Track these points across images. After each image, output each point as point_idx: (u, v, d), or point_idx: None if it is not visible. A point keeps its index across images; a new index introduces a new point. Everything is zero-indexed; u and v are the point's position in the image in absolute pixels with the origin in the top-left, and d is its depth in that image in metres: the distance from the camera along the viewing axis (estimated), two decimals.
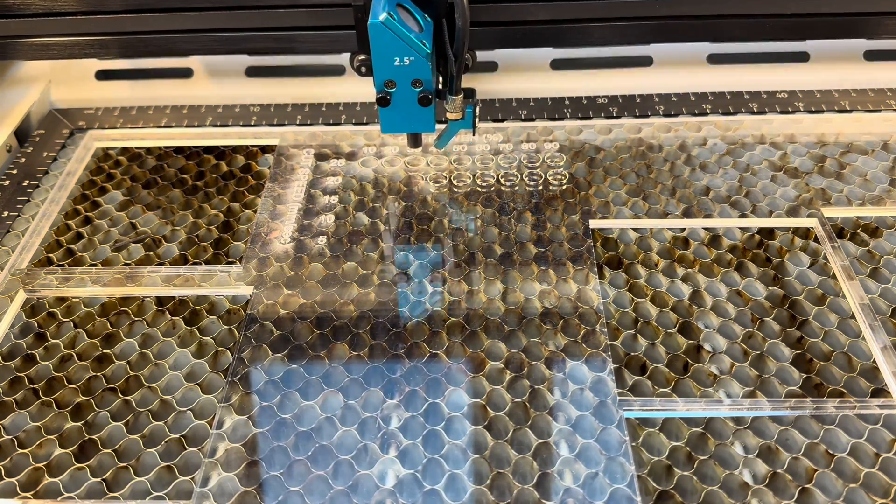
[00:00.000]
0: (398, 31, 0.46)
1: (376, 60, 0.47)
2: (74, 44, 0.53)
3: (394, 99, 0.50)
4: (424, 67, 0.48)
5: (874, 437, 0.45)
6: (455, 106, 0.51)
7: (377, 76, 0.48)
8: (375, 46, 0.47)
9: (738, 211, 0.58)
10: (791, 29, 0.52)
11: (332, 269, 0.55)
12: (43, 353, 0.51)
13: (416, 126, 0.52)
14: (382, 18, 0.46)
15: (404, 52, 0.47)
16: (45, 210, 0.61)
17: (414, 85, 0.49)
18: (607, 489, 0.42)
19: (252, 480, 0.43)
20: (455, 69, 0.49)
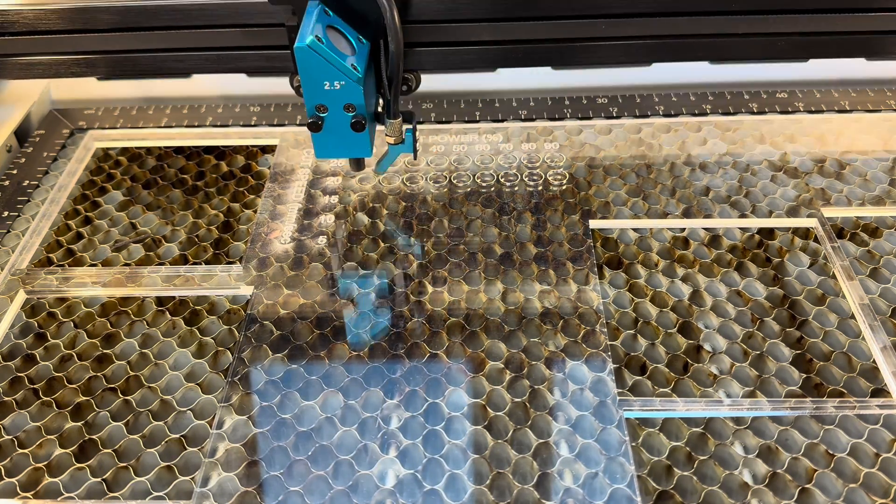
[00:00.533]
0: (326, 55, 0.44)
1: (305, 85, 0.46)
2: (60, 63, 0.52)
3: (326, 123, 0.48)
4: (356, 92, 0.46)
5: (874, 438, 0.45)
6: (393, 130, 0.50)
7: (307, 100, 0.47)
8: (303, 70, 0.45)
9: (738, 211, 0.58)
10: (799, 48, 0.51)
11: (332, 269, 0.55)
12: (43, 353, 0.51)
13: (352, 151, 0.50)
14: (308, 42, 0.44)
15: (334, 77, 0.45)
16: (45, 210, 0.61)
17: (346, 109, 0.47)
18: (607, 489, 0.42)
19: (252, 480, 0.43)
20: (391, 93, 0.48)
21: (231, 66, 0.52)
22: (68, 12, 0.49)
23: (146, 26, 0.50)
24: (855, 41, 0.51)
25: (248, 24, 0.50)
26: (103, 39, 0.51)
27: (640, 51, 0.51)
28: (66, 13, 0.49)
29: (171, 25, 0.50)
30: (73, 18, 0.50)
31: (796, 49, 0.51)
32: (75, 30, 0.51)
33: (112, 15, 0.49)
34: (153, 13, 0.49)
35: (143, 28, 0.50)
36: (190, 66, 0.52)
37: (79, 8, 0.49)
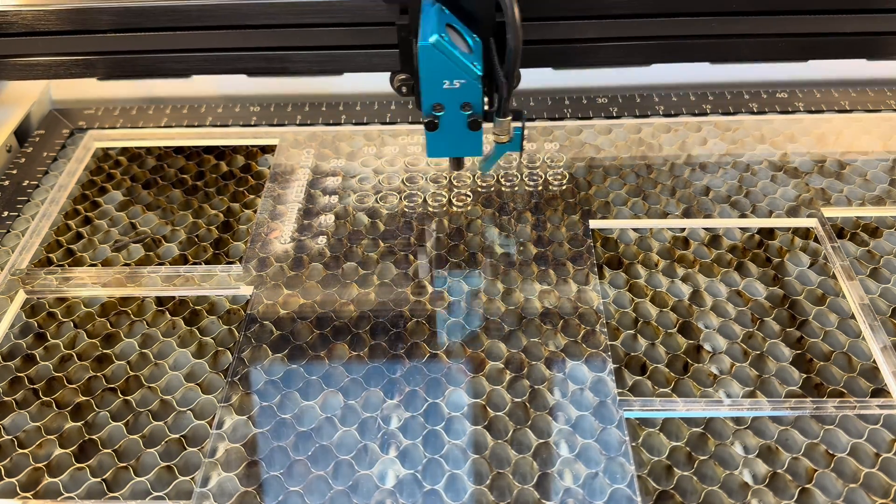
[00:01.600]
0: (449, 54, 0.44)
1: (425, 83, 0.45)
2: (59, 63, 0.52)
3: (441, 122, 0.47)
4: (475, 90, 0.46)
5: (874, 438, 0.45)
6: (503, 129, 0.49)
7: (425, 99, 0.47)
8: (425, 69, 0.45)
9: (738, 211, 0.58)
10: (799, 49, 0.51)
11: (332, 269, 0.55)
12: (43, 353, 0.51)
13: (464, 150, 0.50)
14: (433, 40, 0.44)
15: (455, 75, 0.45)
16: (45, 210, 0.61)
17: (463, 108, 0.47)
18: (607, 489, 0.42)
19: (252, 480, 0.43)
20: (507, 91, 0.47)
21: (230, 66, 0.52)
22: (67, 13, 0.49)
23: (145, 27, 0.50)
24: (856, 42, 0.51)
25: (247, 25, 0.49)
26: (102, 40, 0.51)
27: (640, 52, 0.51)
28: (65, 14, 0.49)
29: (171, 26, 0.50)
30: (72, 19, 0.50)
31: (797, 50, 0.51)
32: (74, 31, 0.50)
33: (111, 16, 0.49)
34: (152, 14, 0.49)
35: (143, 29, 0.50)
36: (189, 66, 0.52)
37: (78, 9, 0.49)
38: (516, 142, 0.50)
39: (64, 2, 0.49)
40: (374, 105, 0.70)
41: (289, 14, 0.49)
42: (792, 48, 0.51)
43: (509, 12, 0.43)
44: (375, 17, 0.51)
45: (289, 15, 0.49)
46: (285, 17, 0.49)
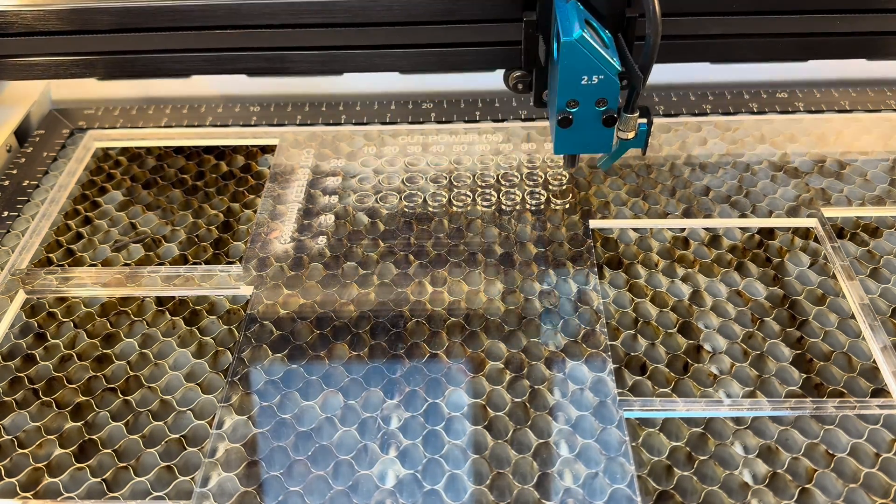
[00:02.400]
0: (591, 50, 0.43)
1: (563, 80, 0.44)
2: (59, 63, 0.52)
3: (576, 119, 0.46)
4: (613, 86, 0.45)
5: (874, 438, 0.45)
6: (630, 125, 0.48)
7: (561, 96, 0.45)
8: (565, 65, 0.44)
9: (738, 211, 0.58)
10: (799, 48, 0.51)
11: (332, 269, 0.55)
12: (43, 353, 0.51)
13: (594, 147, 0.48)
14: (577, 36, 0.43)
15: (594, 71, 0.44)
16: (45, 210, 0.61)
17: (598, 104, 0.46)
18: (607, 489, 0.42)
19: (252, 480, 0.43)
20: (643, 87, 0.46)
21: (230, 67, 0.52)
22: (67, 13, 0.49)
23: (145, 27, 0.50)
24: (856, 42, 0.51)
25: (248, 24, 0.49)
26: (102, 40, 0.51)
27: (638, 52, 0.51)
28: (65, 14, 0.49)
29: (171, 26, 0.50)
30: (71, 19, 0.49)
31: (797, 50, 0.51)
32: (74, 31, 0.50)
33: (111, 16, 0.49)
34: (152, 14, 0.49)
35: (142, 29, 0.50)
36: (189, 66, 0.52)
37: (77, 9, 0.49)
38: (641, 138, 0.49)
39: (64, 2, 0.49)
40: (374, 105, 0.70)
41: (288, 14, 0.49)
42: (792, 48, 0.51)
43: (651, 5, 0.42)
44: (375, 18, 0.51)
45: (288, 15, 0.49)
46: (285, 17, 0.49)
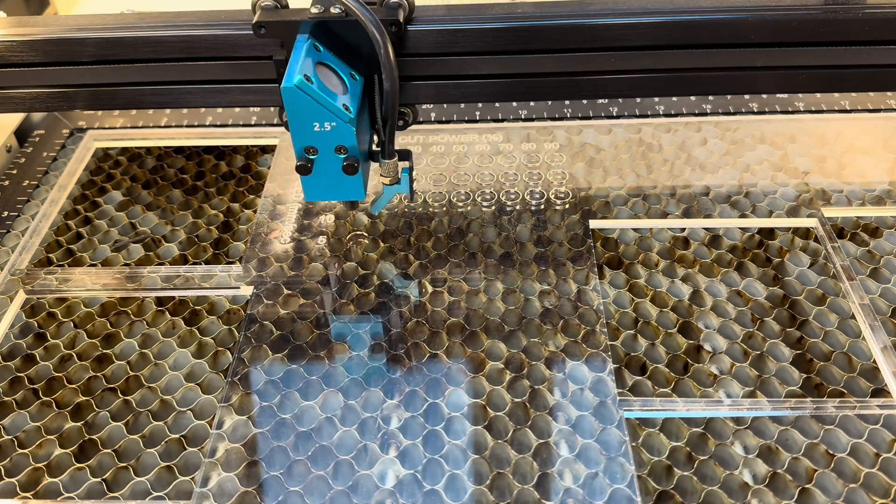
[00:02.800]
0: (315, 95, 0.41)
1: (293, 126, 0.43)
2: (35, 97, 0.50)
3: (316, 166, 0.45)
4: (348, 133, 0.43)
5: (874, 438, 0.45)
6: (389, 170, 0.47)
7: (295, 142, 0.44)
8: (291, 111, 0.42)
9: (738, 211, 0.58)
10: (820, 81, 0.50)
11: (332, 269, 0.55)
12: (43, 353, 0.51)
13: (344, 194, 0.47)
14: (296, 81, 0.41)
15: (324, 118, 0.42)
16: (45, 210, 0.61)
17: (338, 151, 0.44)
18: (607, 489, 0.42)
19: (252, 480, 0.43)
20: (386, 133, 0.45)
21: (215, 100, 0.50)
22: (42, 44, 0.48)
23: (126, 59, 0.48)
24: (879, 74, 0.49)
25: (233, 56, 0.48)
26: (82, 72, 0.49)
27: (654, 84, 0.49)
28: (41, 45, 0.48)
29: (153, 58, 0.48)
30: (48, 51, 0.47)
31: (818, 82, 0.49)
32: (51, 62, 0.48)
33: (90, 47, 0.47)
34: (133, 45, 0.47)
35: (123, 60, 0.48)
36: (172, 99, 0.50)
37: (55, 40, 0.47)
38: (404, 183, 0.48)
39: (41, 33, 0.47)
40: None
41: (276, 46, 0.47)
42: (813, 80, 0.49)
43: (382, 51, 0.41)
44: None
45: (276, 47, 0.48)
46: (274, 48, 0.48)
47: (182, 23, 0.47)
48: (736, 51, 0.48)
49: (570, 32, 0.47)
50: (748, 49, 0.48)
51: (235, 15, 0.48)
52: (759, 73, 0.49)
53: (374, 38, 0.41)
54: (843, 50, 0.48)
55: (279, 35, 0.45)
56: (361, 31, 0.43)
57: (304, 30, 0.44)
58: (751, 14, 0.46)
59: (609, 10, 0.47)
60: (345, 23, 0.44)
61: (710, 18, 0.46)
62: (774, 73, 0.49)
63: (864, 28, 0.46)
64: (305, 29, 0.44)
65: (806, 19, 0.46)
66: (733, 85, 0.50)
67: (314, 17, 0.44)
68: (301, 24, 0.44)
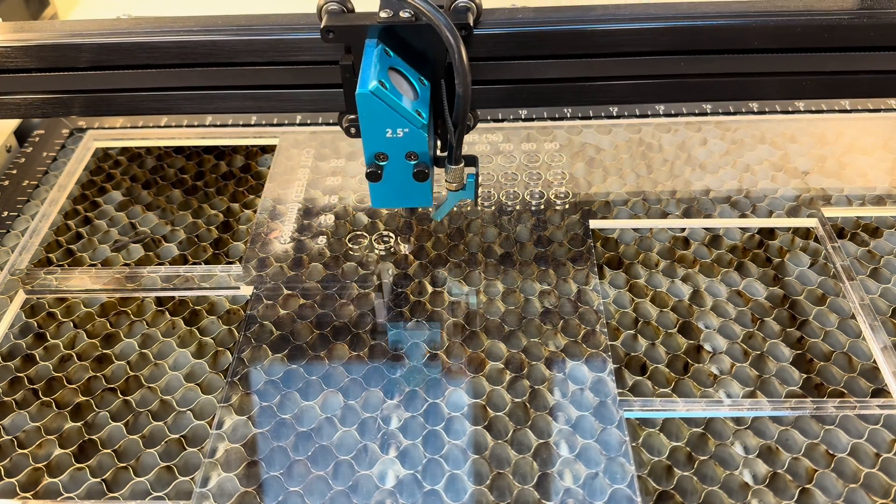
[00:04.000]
0: (390, 101, 0.41)
1: (366, 132, 0.43)
2: (30, 102, 0.50)
3: (386, 172, 0.44)
4: (420, 139, 0.43)
5: (874, 438, 0.45)
6: (455, 176, 0.46)
7: (367, 149, 0.44)
8: (364, 117, 0.42)
9: (738, 211, 0.58)
10: (825, 87, 0.49)
11: (332, 269, 0.55)
12: (43, 353, 0.51)
13: (412, 200, 0.46)
14: (372, 87, 0.41)
15: (397, 124, 0.42)
16: (45, 210, 0.61)
17: (408, 158, 0.44)
18: (607, 489, 0.42)
19: (252, 481, 0.43)
20: (456, 139, 0.44)
21: (212, 106, 0.49)
22: (39, 50, 0.47)
23: (123, 65, 0.48)
24: (884, 80, 0.49)
25: (230, 62, 0.47)
26: (78, 78, 0.49)
27: (657, 91, 0.49)
28: (37, 51, 0.47)
29: (149, 64, 0.48)
30: (44, 57, 0.47)
31: (823, 88, 0.49)
32: (48, 68, 0.48)
33: (87, 53, 0.47)
34: (130, 51, 0.47)
35: (120, 66, 0.48)
36: (169, 105, 0.49)
37: (50, 46, 0.47)
38: (469, 189, 0.47)
39: (37, 38, 0.47)
40: None
41: (274, 52, 0.47)
42: (817, 87, 0.49)
43: (457, 56, 0.40)
44: None
45: (274, 53, 0.48)
46: (272, 54, 0.47)
47: (179, 28, 0.47)
48: (739, 57, 0.47)
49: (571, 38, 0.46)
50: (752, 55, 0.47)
51: (232, 21, 0.48)
52: (763, 79, 0.49)
53: (448, 41, 0.40)
54: (848, 56, 0.47)
55: (346, 40, 0.44)
56: (429, 36, 0.43)
57: (371, 34, 0.44)
58: (754, 20, 0.46)
59: (611, 15, 0.46)
60: (412, 27, 0.44)
61: (714, 24, 0.46)
62: (778, 78, 0.49)
63: (868, 34, 0.46)
64: (373, 34, 0.44)
65: (810, 25, 0.46)
66: (737, 91, 0.49)
67: (383, 22, 0.43)
68: (369, 29, 0.44)
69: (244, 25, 0.47)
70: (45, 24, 0.50)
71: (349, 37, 0.44)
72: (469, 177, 0.47)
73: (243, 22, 0.47)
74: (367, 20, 0.44)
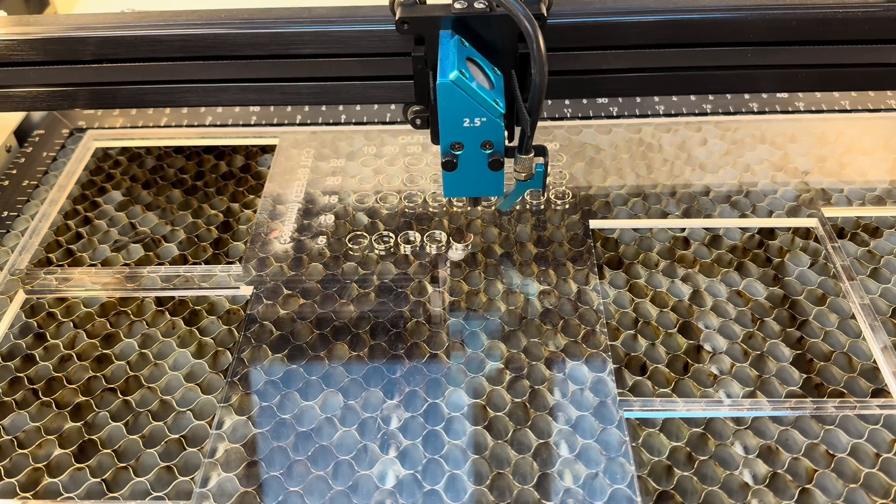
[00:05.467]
0: (471, 91, 0.41)
1: (444, 122, 0.43)
2: (34, 95, 0.50)
3: (460, 161, 0.45)
4: (497, 129, 0.43)
5: (874, 438, 0.45)
6: (524, 166, 0.46)
7: (443, 138, 0.44)
8: (444, 107, 0.42)
9: (738, 211, 0.58)
10: (820, 80, 0.49)
11: (332, 269, 0.55)
12: (42, 353, 0.51)
13: (484, 189, 0.47)
14: (453, 77, 0.41)
15: (476, 113, 0.42)
16: (45, 210, 0.61)
17: (484, 147, 0.44)
18: (607, 489, 0.42)
19: (252, 481, 0.43)
20: (530, 129, 0.44)
21: (215, 98, 0.49)
22: (43, 43, 0.48)
23: (127, 58, 0.48)
24: (879, 73, 0.49)
25: (232, 55, 0.48)
26: (82, 71, 0.49)
27: (652, 83, 0.49)
28: (42, 44, 0.48)
29: (153, 57, 0.48)
30: (49, 50, 0.48)
31: (818, 81, 0.49)
32: (52, 61, 0.48)
33: (91, 46, 0.47)
34: (133, 44, 0.47)
35: (124, 59, 0.48)
36: (173, 98, 0.50)
37: (55, 39, 0.47)
38: (538, 179, 0.47)
39: (42, 32, 0.47)
40: (373, 105, 0.70)
41: (277, 45, 0.47)
42: (813, 79, 0.49)
43: (535, 45, 0.40)
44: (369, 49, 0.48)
45: (277, 45, 0.47)
46: (275, 47, 0.47)
47: (182, 22, 0.47)
48: (735, 49, 0.48)
49: (569, 31, 0.47)
50: (748, 47, 0.48)
51: (235, 14, 0.48)
52: (759, 72, 0.49)
53: (526, 30, 0.40)
54: (843, 48, 0.48)
55: (420, 31, 0.45)
56: (499, 26, 0.44)
57: (444, 25, 0.45)
58: (750, 13, 0.46)
59: (609, 8, 0.47)
60: (483, 18, 0.44)
61: (710, 17, 0.46)
62: (774, 71, 0.49)
63: (863, 27, 0.46)
64: (446, 24, 0.45)
65: (805, 18, 0.46)
66: (733, 84, 0.50)
67: (458, 13, 0.44)
68: (442, 20, 0.44)
69: (247, 19, 0.47)
70: (49, 18, 0.50)
71: (423, 28, 0.45)
72: (538, 167, 0.47)
73: (246, 15, 0.47)
74: (441, 11, 0.44)
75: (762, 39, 0.47)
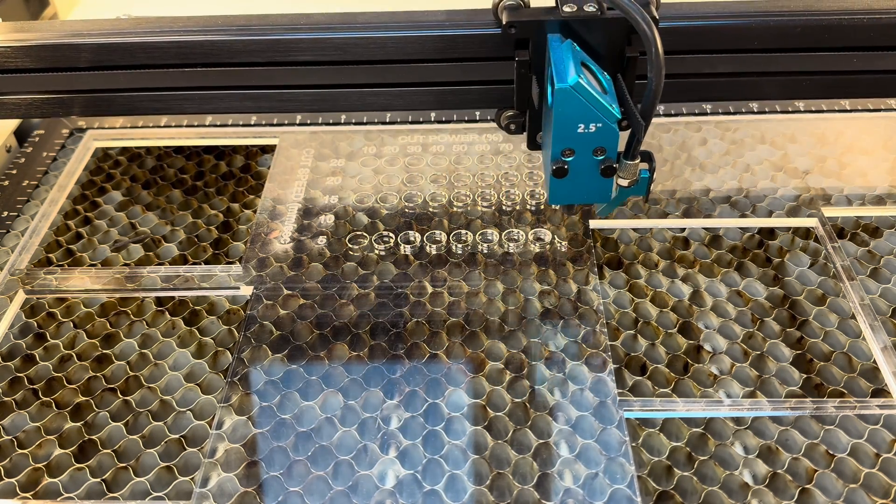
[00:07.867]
0: (589, 97, 0.40)
1: (558, 128, 0.41)
2: (30, 102, 0.49)
3: (571, 168, 0.43)
4: (612, 135, 0.42)
5: (874, 438, 0.45)
6: (629, 172, 0.44)
7: (556, 144, 0.42)
8: (560, 113, 0.40)
9: (738, 211, 0.58)
10: (825, 87, 0.49)
11: (332, 269, 0.55)
12: (42, 353, 0.51)
13: (592, 196, 0.45)
14: (573, 82, 0.39)
15: (592, 119, 0.41)
16: (45, 210, 0.61)
17: (596, 153, 0.43)
18: (607, 489, 0.42)
19: (252, 481, 0.43)
20: (641, 134, 0.42)
21: (211, 106, 0.49)
22: (38, 50, 0.47)
23: (122, 65, 0.48)
24: (885, 80, 0.48)
25: (229, 62, 0.47)
26: (77, 78, 0.48)
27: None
28: (37, 51, 0.47)
29: (149, 64, 0.48)
30: (44, 57, 0.47)
31: (823, 88, 0.49)
32: (47, 68, 0.48)
33: (86, 53, 0.47)
34: (129, 51, 0.47)
35: (119, 67, 0.48)
36: (169, 105, 0.50)
37: (50, 46, 0.47)
38: (642, 185, 0.45)
39: (36, 38, 0.47)
40: None
41: (275, 52, 0.47)
42: (818, 87, 0.48)
43: (653, 49, 0.38)
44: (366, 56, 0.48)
45: (274, 52, 0.47)
46: (272, 54, 0.47)
47: (179, 28, 0.47)
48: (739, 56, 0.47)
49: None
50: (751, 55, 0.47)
51: (233, 21, 0.47)
52: (763, 80, 0.49)
53: (644, 34, 0.39)
54: (848, 56, 0.47)
55: (527, 35, 0.44)
56: (606, 30, 0.43)
57: (551, 29, 0.43)
58: (754, 20, 0.46)
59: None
60: (590, 21, 0.43)
61: (713, 24, 0.46)
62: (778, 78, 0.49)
63: (868, 34, 0.46)
64: (553, 28, 0.43)
65: (810, 25, 0.46)
66: (736, 91, 0.49)
67: (568, 17, 0.43)
68: (549, 24, 0.43)
69: (244, 25, 0.47)
70: (44, 24, 0.50)
71: (531, 32, 0.44)
72: (643, 172, 0.45)
73: (243, 22, 0.47)
74: (550, 15, 0.43)
75: (766, 46, 0.47)
